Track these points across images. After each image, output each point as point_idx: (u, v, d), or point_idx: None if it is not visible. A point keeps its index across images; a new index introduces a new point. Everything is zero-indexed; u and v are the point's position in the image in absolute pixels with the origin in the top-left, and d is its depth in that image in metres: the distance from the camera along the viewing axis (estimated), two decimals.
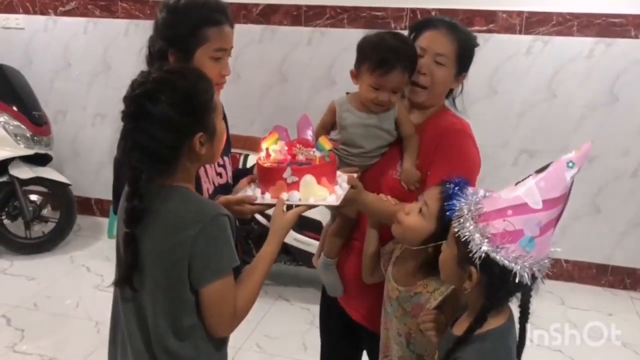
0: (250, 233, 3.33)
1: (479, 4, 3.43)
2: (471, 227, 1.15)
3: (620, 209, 3.56)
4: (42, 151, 3.84)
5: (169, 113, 1.22)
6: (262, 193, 1.50)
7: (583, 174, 3.90)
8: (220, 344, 1.38)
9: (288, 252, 3.34)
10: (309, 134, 1.59)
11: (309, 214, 3.36)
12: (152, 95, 1.22)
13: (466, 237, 1.15)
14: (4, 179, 3.74)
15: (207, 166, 1.64)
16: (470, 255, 1.14)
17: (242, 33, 3.85)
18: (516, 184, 1.19)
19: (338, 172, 1.57)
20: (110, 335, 1.46)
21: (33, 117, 3.82)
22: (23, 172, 3.74)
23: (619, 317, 3.32)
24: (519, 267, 1.12)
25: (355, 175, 1.58)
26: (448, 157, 1.57)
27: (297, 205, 1.45)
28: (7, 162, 3.72)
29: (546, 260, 1.16)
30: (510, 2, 3.40)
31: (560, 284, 3.64)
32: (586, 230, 3.58)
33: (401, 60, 1.57)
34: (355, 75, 1.66)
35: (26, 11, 4.23)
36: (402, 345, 1.53)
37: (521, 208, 1.13)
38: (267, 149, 1.56)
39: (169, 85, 1.24)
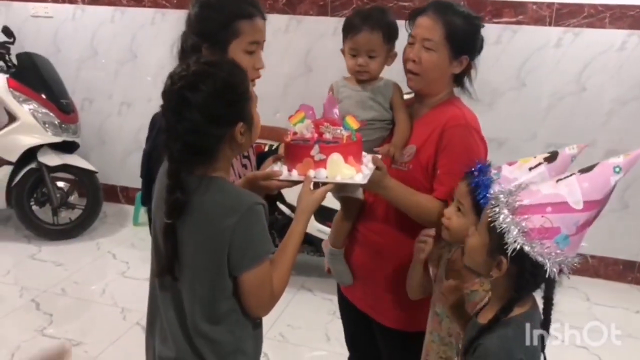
0: (273, 223, 3.34)
1: None
2: (508, 219, 1.15)
3: None
4: (69, 139, 3.90)
5: (212, 104, 1.24)
6: (289, 170, 1.51)
7: None
8: (256, 325, 1.41)
9: (311, 243, 3.34)
10: (335, 113, 1.60)
11: (331, 204, 3.36)
12: (194, 87, 1.23)
13: (503, 228, 1.15)
14: (33, 165, 3.81)
15: (234, 158, 1.66)
16: (505, 246, 1.14)
17: (268, 23, 3.80)
18: (557, 180, 1.18)
19: (363, 153, 1.58)
20: (148, 327, 1.49)
21: (61, 105, 3.88)
22: (51, 159, 3.80)
23: None
24: (550, 263, 1.13)
25: (380, 156, 1.58)
26: (453, 154, 1.58)
27: (323, 184, 1.45)
28: (36, 149, 3.78)
29: (575, 257, 1.17)
30: None
31: (586, 280, 3.59)
32: (613, 226, 3.52)
33: (367, 21, 1.64)
34: (344, 52, 1.73)
35: (55, 0, 4.28)
36: (452, 345, 1.54)
37: (561, 206, 1.14)
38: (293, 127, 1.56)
39: (209, 77, 1.25)
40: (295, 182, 1.49)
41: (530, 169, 1.26)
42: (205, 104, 1.23)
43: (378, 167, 1.53)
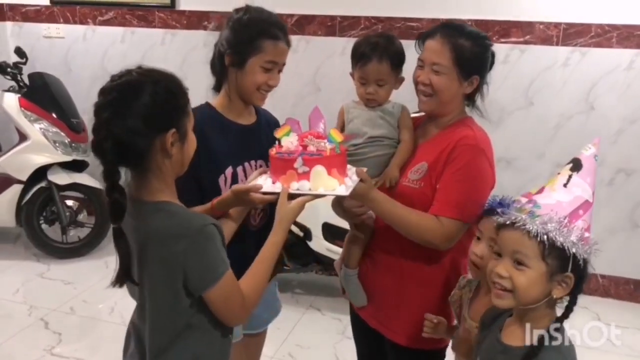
0: None
1: (515, 15, 3.41)
2: (569, 237, 1.18)
3: None
4: (79, 157, 3.92)
5: (148, 104, 1.26)
6: (273, 183, 1.53)
7: (621, 188, 3.81)
8: (224, 334, 1.42)
9: (319, 262, 3.34)
10: (321, 127, 1.62)
11: (340, 223, 3.34)
12: (134, 85, 1.27)
13: (570, 246, 1.18)
14: (43, 184, 3.84)
15: (247, 166, 1.74)
16: (579, 262, 1.19)
17: None
18: (564, 185, 1.25)
19: (348, 166, 1.59)
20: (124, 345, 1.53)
21: (72, 124, 3.91)
22: (61, 178, 3.83)
23: None
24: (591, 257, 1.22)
25: (364, 169, 1.61)
26: (455, 171, 1.59)
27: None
28: (46, 167, 3.82)
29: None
30: (547, 14, 3.37)
31: (596, 299, 3.57)
32: (623, 245, 3.51)
33: (377, 51, 1.69)
34: (353, 76, 1.77)
35: (66, 21, 4.35)
36: None
37: (586, 205, 1.23)
38: (279, 140, 1.59)
39: (150, 80, 1.28)
40: (277, 194, 1.50)
41: (565, 185, 1.26)
42: (140, 103, 1.25)
43: (362, 180, 1.54)
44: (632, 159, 3.38)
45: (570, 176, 1.25)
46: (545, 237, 1.17)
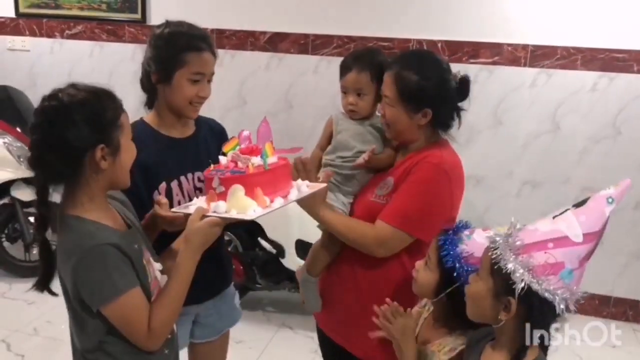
0: (254, 259, 3.31)
1: (485, 36, 3.49)
2: (512, 259, 1.16)
3: (622, 240, 3.58)
4: None
5: (73, 127, 1.29)
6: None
7: None
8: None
9: (292, 279, 3.32)
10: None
11: (315, 240, 3.31)
12: (60, 107, 1.30)
13: (508, 269, 1.16)
14: (5, 200, 3.71)
15: (183, 179, 1.75)
16: (512, 286, 1.14)
17: (249, 60, 3.90)
18: (554, 217, 1.21)
19: (300, 182, 1.54)
20: None
21: None
22: (25, 194, 3.70)
23: (623, 349, 3.31)
24: (558, 299, 1.13)
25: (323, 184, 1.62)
26: (409, 184, 1.61)
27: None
28: (9, 183, 3.69)
29: (579, 292, 1.18)
30: (515, 36, 3.46)
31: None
32: (589, 262, 3.58)
33: (357, 62, 1.72)
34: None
35: (32, 34, 4.25)
36: None
37: (562, 241, 1.16)
38: (224, 154, 1.55)
39: (77, 101, 1.31)
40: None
41: (554, 216, 1.22)
42: (67, 123, 1.29)
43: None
44: (596, 178, 3.48)
45: (566, 210, 1.22)
46: (491, 253, 1.20)
